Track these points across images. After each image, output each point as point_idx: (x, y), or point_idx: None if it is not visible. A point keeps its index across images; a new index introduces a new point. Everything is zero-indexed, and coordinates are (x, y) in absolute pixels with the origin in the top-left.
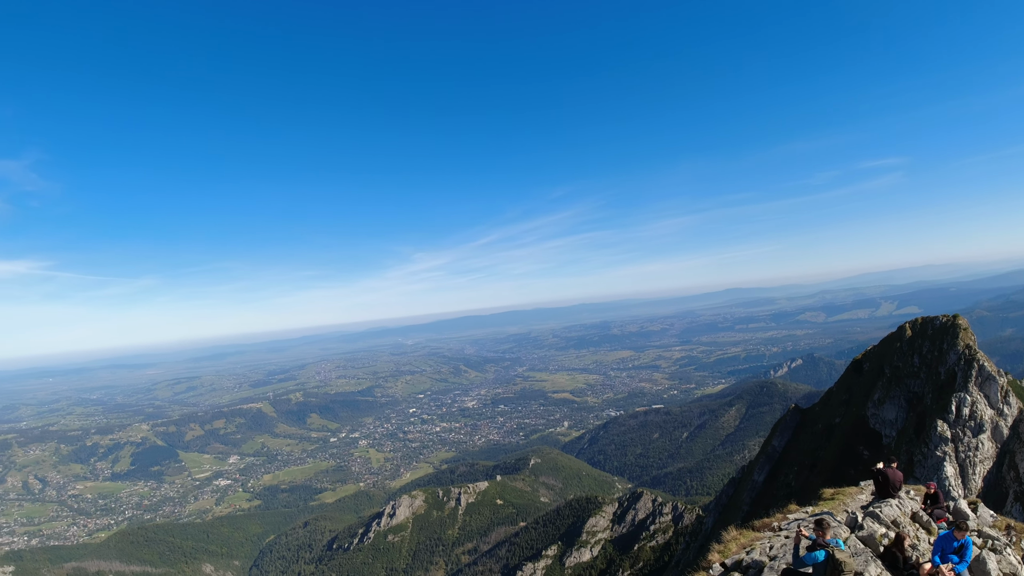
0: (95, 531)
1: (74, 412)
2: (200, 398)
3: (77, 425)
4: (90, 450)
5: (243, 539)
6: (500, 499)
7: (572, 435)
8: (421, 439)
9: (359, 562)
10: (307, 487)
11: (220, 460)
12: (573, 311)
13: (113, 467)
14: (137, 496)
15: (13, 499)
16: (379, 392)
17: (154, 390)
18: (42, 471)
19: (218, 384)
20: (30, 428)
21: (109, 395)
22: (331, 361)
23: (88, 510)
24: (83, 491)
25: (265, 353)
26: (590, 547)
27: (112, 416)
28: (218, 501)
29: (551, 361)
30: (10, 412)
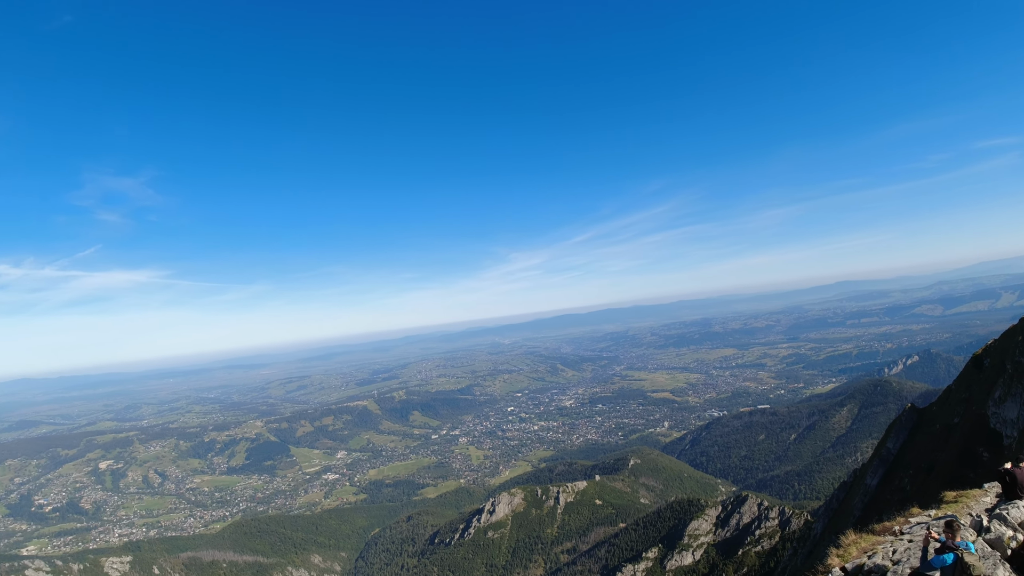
0: (211, 522)
1: (193, 410)
2: (310, 396)
3: (196, 422)
4: (208, 446)
5: (350, 531)
6: (599, 499)
7: (673, 436)
8: (519, 437)
9: (460, 557)
10: (410, 482)
11: (328, 455)
12: (672, 308)
13: (229, 462)
14: (251, 489)
15: (134, 492)
16: (478, 390)
17: (267, 389)
18: (162, 466)
19: (326, 383)
20: (151, 426)
21: (226, 394)
22: (432, 360)
23: (205, 502)
24: (200, 484)
25: (370, 353)
26: (692, 551)
27: (228, 414)
28: (327, 495)
29: (650, 360)
30: (133, 411)
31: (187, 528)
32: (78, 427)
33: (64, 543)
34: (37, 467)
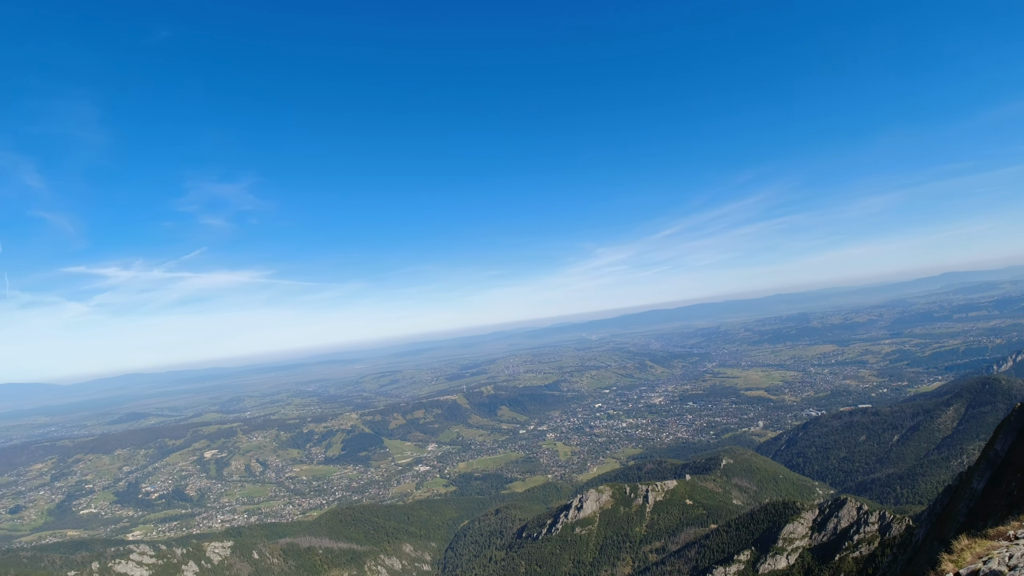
0: (308, 510)
1: (292, 403)
2: (402, 390)
3: (295, 414)
4: (306, 436)
5: (440, 522)
6: (689, 499)
7: (767, 435)
8: (607, 434)
9: (547, 552)
10: (498, 476)
11: (420, 447)
12: (766, 302)
13: (326, 452)
14: (346, 479)
15: (236, 480)
16: (565, 386)
17: (361, 383)
18: (263, 455)
19: (417, 377)
20: (253, 417)
21: (323, 387)
22: (518, 356)
23: (303, 491)
24: (299, 473)
25: (457, 349)
26: (786, 555)
27: (325, 406)
28: (418, 485)
29: (743, 356)
30: (236, 403)
31: (286, 515)
32: (185, 418)
33: (169, 528)
34: (145, 456)
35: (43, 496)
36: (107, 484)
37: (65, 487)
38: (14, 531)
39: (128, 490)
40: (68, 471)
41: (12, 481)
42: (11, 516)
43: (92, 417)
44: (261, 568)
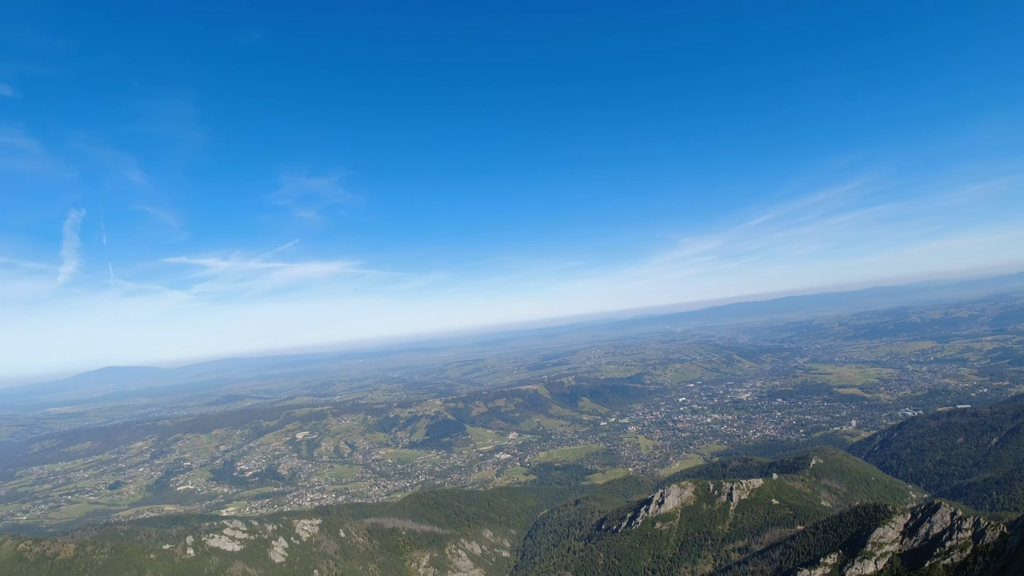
0: (392, 492)
1: (379, 388)
2: (484, 378)
3: (382, 399)
4: (392, 421)
5: (519, 510)
6: (776, 499)
7: (860, 435)
8: (691, 429)
9: (626, 545)
10: (578, 467)
11: (501, 435)
12: (862, 295)
13: (410, 436)
14: (429, 463)
15: (326, 461)
16: (647, 379)
17: (445, 371)
18: (351, 438)
19: (499, 367)
20: (343, 401)
21: (408, 374)
22: (600, 348)
23: (388, 473)
24: (384, 456)
25: (539, 339)
26: (874, 560)
27: (411, 392)
28: (498, 473)
29: (836, 352)
30: (327, 388)
31: (371, 496)
32: (279, 401)
33: (261, 505)
34: (241, 436)
35: (142, 473)
36: (204, 462)
37: (164, 464)
38: (113, 506)
39: (224, 468)
40: (167, 449)
41: (113, 458)
42: (110, 491)
43: (192, 399)
44: (347, 546)
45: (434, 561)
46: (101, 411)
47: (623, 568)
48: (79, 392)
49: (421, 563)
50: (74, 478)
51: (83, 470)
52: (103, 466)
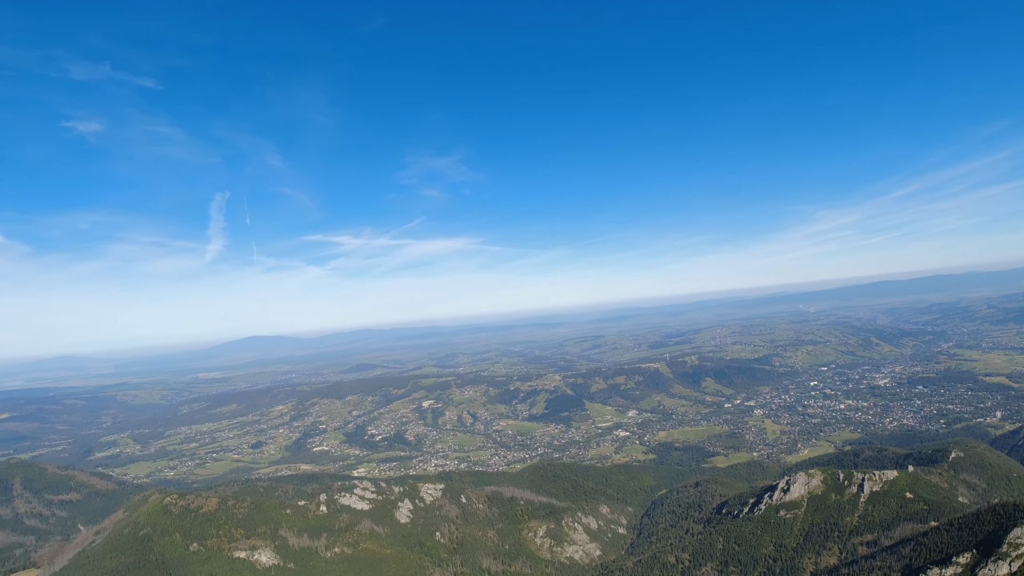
0: (512, 462)
1: (500, 361)
2: (603, 355)
3: (503, 372)
4: (512, 394)
5: (637, 488)
6: (910, 492)
7: (1005, 428)
8: (822, 415)
9: (747, 531)
10: (699, 448)
11: (620, 412)
12: (1014, 275)
13: (530, 409)
14: (548, 436)
15: (449, 430)
16: (777, 361)
17: (564, 346)
18: (473, 408)
19: (619, 343)
20: (466, 373)
21: (529, 348)
22: (726, 327)
23: (508, 444)
24: (505, 428)
25: (661, 316)
26: (1009, 561)
27: (531, 366)
28: (617, 450)
29: (984, 337)
30: (451, 359)
31: (491, 465)
32: (407, 371)
33: (389, 468)
34: (372, 403)
35: (282, 434)
36: (338, 426)
37: (302, 427)
38: (254, 464)
39: (355, 432)
40: (305, 413)
41: (256, 420)
42: (252, 451)
43: (327, 367)
44: (468, 511)
45: (551, 532)
46: (245, 377)
47: (743, 554)
48: (226, 359)
49: (538, 533)
50: (219, 437)
51: (228, 430)
52: (246, 427)
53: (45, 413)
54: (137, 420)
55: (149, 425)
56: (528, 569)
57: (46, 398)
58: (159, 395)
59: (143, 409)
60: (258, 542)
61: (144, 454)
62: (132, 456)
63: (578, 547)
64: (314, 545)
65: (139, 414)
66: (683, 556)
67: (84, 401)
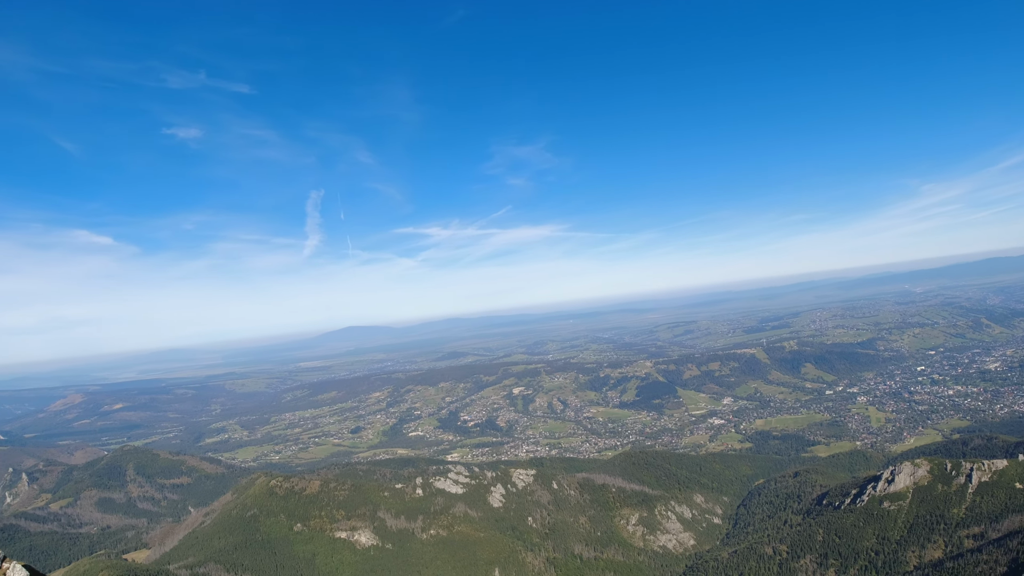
0: (603, 449)
1: (589, 348)
2: (696, 341)
3: (592, 359)
4: (602, 380)
5: (732, 477)
6: (1020, 483)
7: None
8: (929, 401)
9: (848, 523)
10: (798, 437)
11: (714, 400)
12: None
13: (621, 396)
14: (640, 424)
15: (540, 416)
16: (881, 345)
17: (655, 332)
18: (563, 395)
19: (712, 329)
20: (555, 360)
21: (618, 335)
22: (826, 310)
23: (598, 431)
24: (595, 415)
25: (756, 300)
26: None
27: (620, 353)
28: (711, 438)
29: None
30: (540, 347)
31: (582, 452)
32: (496, 358)
33: (481, 453)
34: (463, 389)
35: (379, 420)
36: (432, 412)
37: (398, 412)
38: (354, 448)
39: (448, 418)
40: (400, 399)
41: (354, 406)
42: (352, 436)
43: (420, 354)
44: (559, 497)
45: (643, 520)
46: (344, 365)
47: (843, 547)
48: (325, 349)
49: (630, 520)
50: (321, 423)
51: (329, 416)
52: (346, 413)
53: (157, 403)
54: (244, 407)
55: (255, 412)
56: (620, 556)
57: (158, 388)
58: (264, 384)
59: (249, 397)
60: (358, 523)
61: (251, 439)
62: (240, 441)
63: (671, 536)
64: (411, 527)
65: (245, 402)
66: (780, 548)
67: (194, 390)
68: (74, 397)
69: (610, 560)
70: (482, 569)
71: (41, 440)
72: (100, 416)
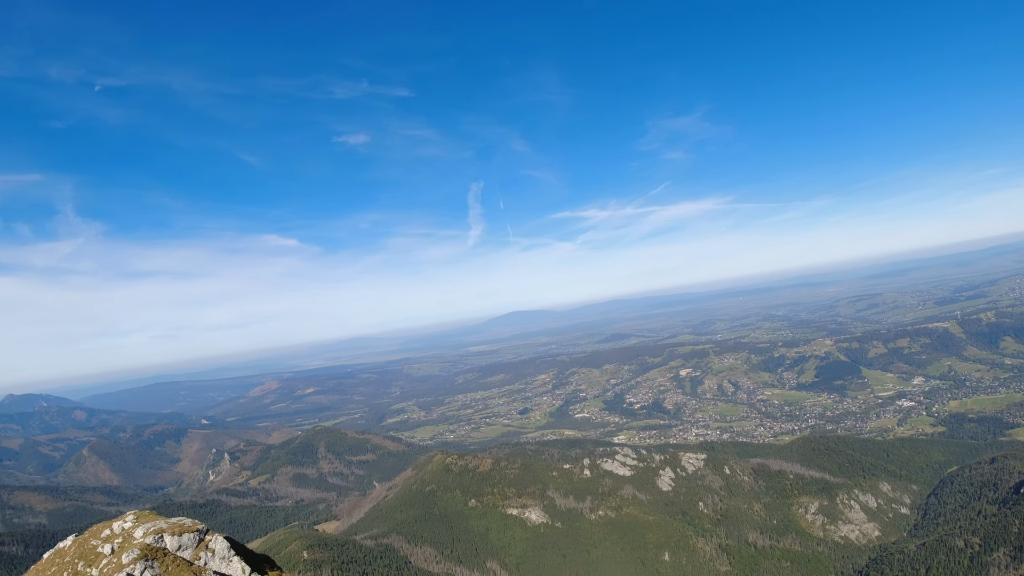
0: (779, 434)
1: (761, 327)
2: (881, 315)
3: (765, 338)
4: (777, 361)
5: (923, 464)
6: None
7: None
8: None
9: None
10: (996, 419)
11: (903, 380)
12: None
13: (798, 378)
14: (819, 407)
15: (709, 399)
16: None
17: (835, 307)
18: (734, 376)
19: (900, 301)
20: (724, 340)
21: (793, 312)
22: None
23: (774, 414)
24: (770, 397)
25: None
26: None
27: (796, 331)
28: (900, 422)
29: None
30: (707, 326)
31: (756, 436)
32: (662, 339)
33: (648, 436)
34: (628, 371)
35: (545, 401)
36: (597, 393)
37: (563, 394)
38: (522, 428)
39: (614, 400)
40: (565, 381)
41: (521, 388)
42: (520, 416)
43: (583, 337)
44: (731, 483)
45: (823, 509)
46: (510, 348)
47: None
48: (492, 333)
49: (809, 509)
50: (490, 404)
51: (498, 398)
52: (513, 395)
53: (344, 387)
54: (420, 390)
55: (431, 394)
56: (797, 546)
57: (344, 374)
58: (438, 368)
59: (425, 380)
60: (528, 501)
61: (427, 419)
62: (418, 421)
63: (854, 526)
64: (579, 507)
65: (422, 384)
66: (973, 540)
67: (376, 375)
68: (270, 384)
69: (786, 549)
70: (651, 552)
71: (242, 423)
72: (294, 400)
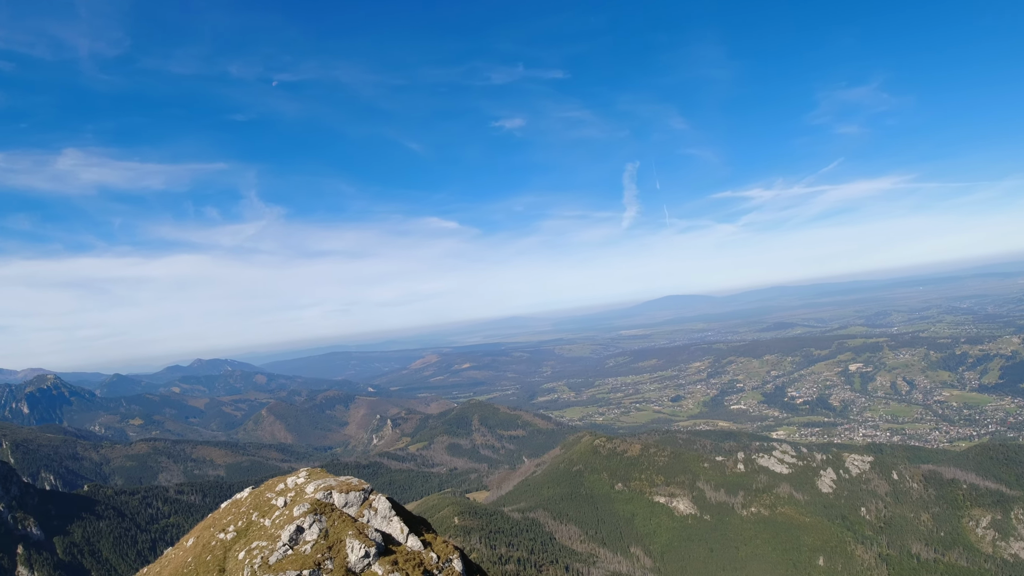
0: (955, 439)
1: (943, 320)
2: None
3: (946, 333)
4: (958, 359)
5: None
6: None
7: None
8: None
9: None
10: None
11: None
12: None
13: (980, 379)
14: (1002, 411)
15: (880, 397)
16: None
17: None
18: (910, 374)
19: None
20: (900, 333)
21: (979, 304)
22: None
23: (951, 417)
24: (948, 398)
25: None
26: None
27: (981, 326)
28: None
29: None
30: (882, 317)
31: (930, 441)
32: (829, 330)
33: (810, 433)
34: (791, 363)
35: (699, 390)
36: (755, 385)
37: (718, 384)
38: (674, 416)
39: (774, 393)
40: (721, 371)
41: (674, 375)
42: (672, 404)
43: (742, 325)
44: (899, 490)
45: (995, 523)
46: (663, 333)
47: None
48: (644, 317)
49: (980, 523)
50: (641, 389)
51: (649, 383)
52: (665, 381)
53: (498, 363)
54: (571, 370)
55: (581, 375)
56: (964, 562)
57: (498, 351)
58: (589, 349)
59: (575, 361)
60: (676, 490)
61: (577, 400)
62: (567, 401)
63: None
64: (730, 501)
65: (572, 365)
66: None
67: (528, 354)
68: (431, 357)
69: (951, 564)
70: (805, 555)
71: (404, 392)
72: (451, 374)
